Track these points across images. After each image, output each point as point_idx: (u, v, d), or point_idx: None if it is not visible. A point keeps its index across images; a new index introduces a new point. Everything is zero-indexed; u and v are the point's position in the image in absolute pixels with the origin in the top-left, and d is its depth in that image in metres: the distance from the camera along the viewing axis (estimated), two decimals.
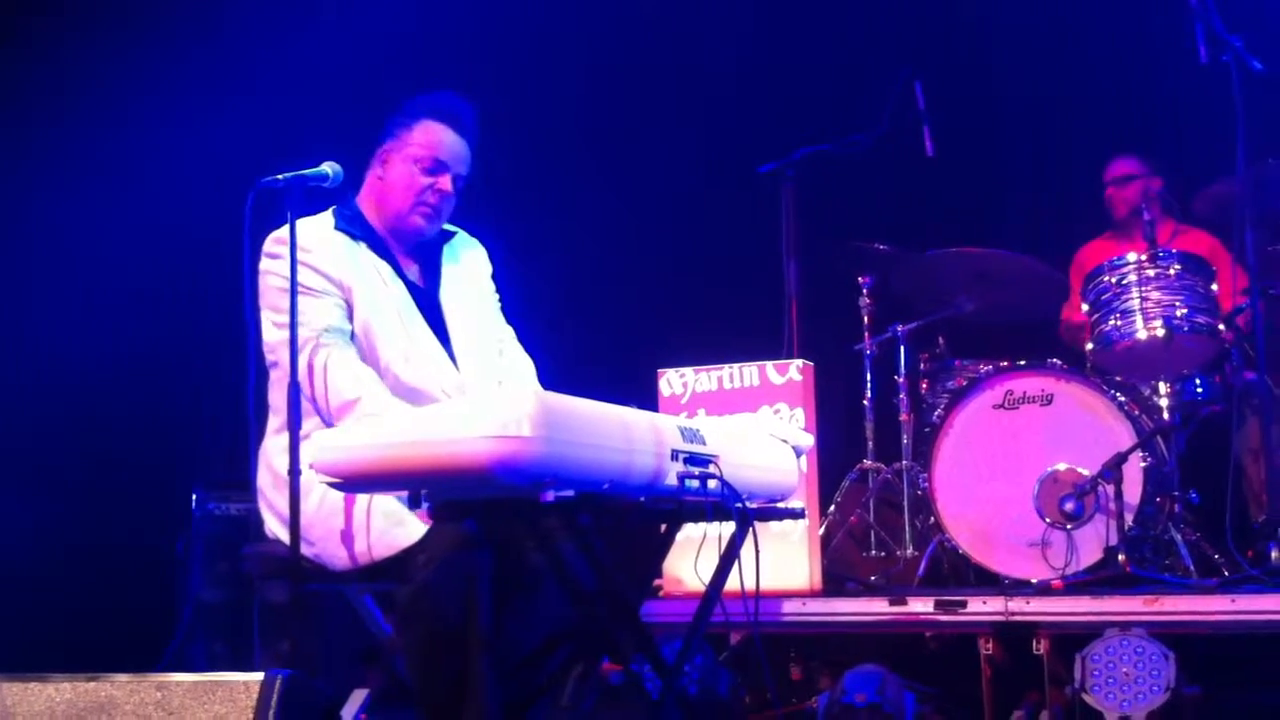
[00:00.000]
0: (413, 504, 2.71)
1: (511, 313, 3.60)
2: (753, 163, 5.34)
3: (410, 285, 3.32)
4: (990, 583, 4.53)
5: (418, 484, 2.66)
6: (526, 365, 3.52)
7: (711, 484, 2.87)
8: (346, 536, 3.02)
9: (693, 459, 2.88)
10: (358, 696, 3.47)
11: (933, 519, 4.75)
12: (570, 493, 2.60)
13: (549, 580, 3.08)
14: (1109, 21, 5.98)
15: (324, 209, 3.34)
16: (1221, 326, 4.68)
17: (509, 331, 3.57)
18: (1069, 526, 4.47)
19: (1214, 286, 4.73)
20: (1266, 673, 4.01)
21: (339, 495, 2.98)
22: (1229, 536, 4.36)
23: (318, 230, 3.25)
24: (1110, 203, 5.63)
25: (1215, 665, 4.03)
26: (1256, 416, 4.75)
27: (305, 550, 3.01)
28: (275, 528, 3.17)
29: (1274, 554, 4.21)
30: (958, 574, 4.73)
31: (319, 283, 3.18)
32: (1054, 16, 6.12)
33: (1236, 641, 4.01)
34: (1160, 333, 4.62)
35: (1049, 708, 3.95)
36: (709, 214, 6.34)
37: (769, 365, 4.48)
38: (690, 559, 3.19)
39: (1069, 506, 4.47)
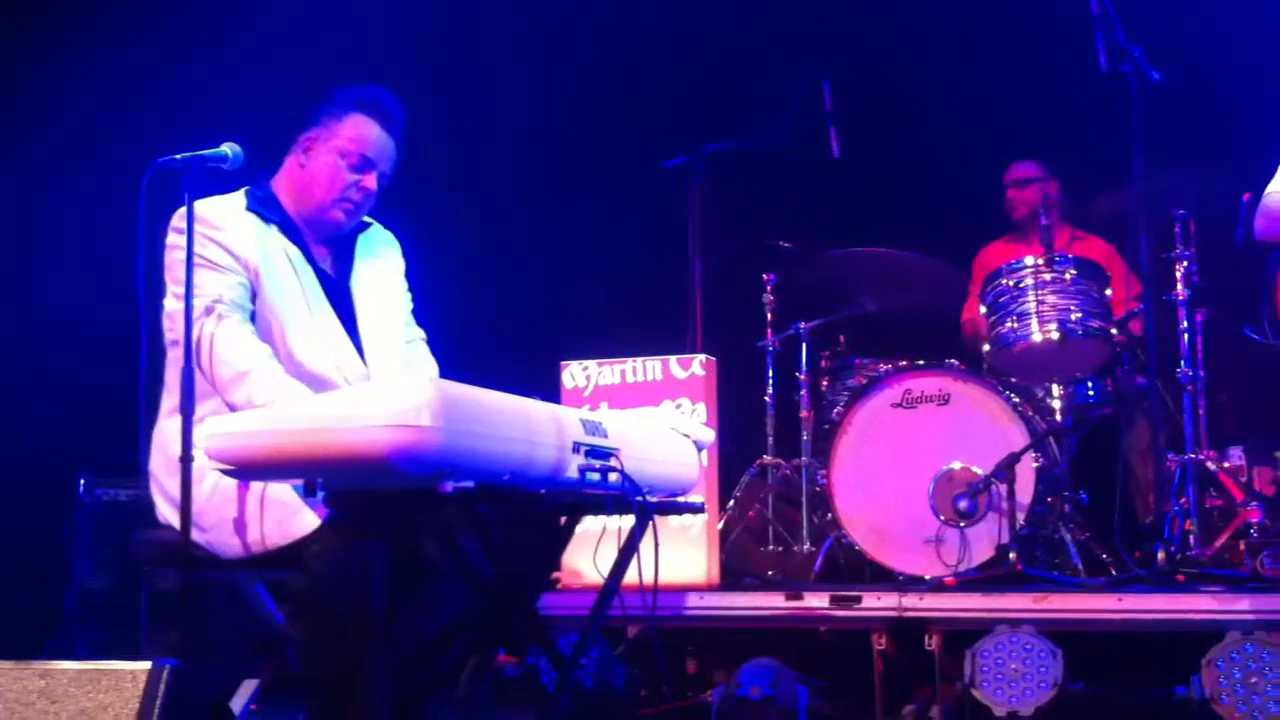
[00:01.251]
0: (308, 493, 2.67)
1: (415, 300, 3.55)
2: (661, 157, 5.34)
3: (320, 273, 3.26)
4: (885, 579, 4.59)
5: (313, 473, 2.61)
6: (432, 368, 3.49)
7: (612, 477, 2.86)
8: (240, 524, 2.97)
9: (594, 452, 2.86)
10: (247, 687, 3.42)
11: (830, 515, 4.79)
12: (470, 484, 2.57)
13: (446, 571, 3.04)
14: (1013, 27, 6.07)
15: (223, 190, 3.27)
16: (1114, 331, 4.77)
17: (419, 333, 3.53)
18: (962, 524, 4.54)
19: (1108, 292, 4.82)
20: (1149, 671, 4.10)
21: (233, 482, 2.92)
22: (1117, 537, 4.45)
23: (228, 208, 3.18)
24: (1010, 205, 5.73)
25: (1101, 663, 4.13)
26: (1146, 420, 4.86)
27: (197, 537, 2.95)
28: (167, 513, 3.10)
29: (1160, 555, 4.31)
30: (853, 570, 4.79)
31: (224, 258, 3.11)
32: (960, 21, 6.19)
33: (1122, 640, 4.11)
34: (1055, 336, 4.70)
35: (939, 703, 4.01)
36: (616, 207, 6.32)
37: (672, 359, 4.49)
38: (589, 552, 3.18)
39: (963, 505, 4.53)
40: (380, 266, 3.42)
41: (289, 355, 3.11)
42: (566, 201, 6.39)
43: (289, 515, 2.93)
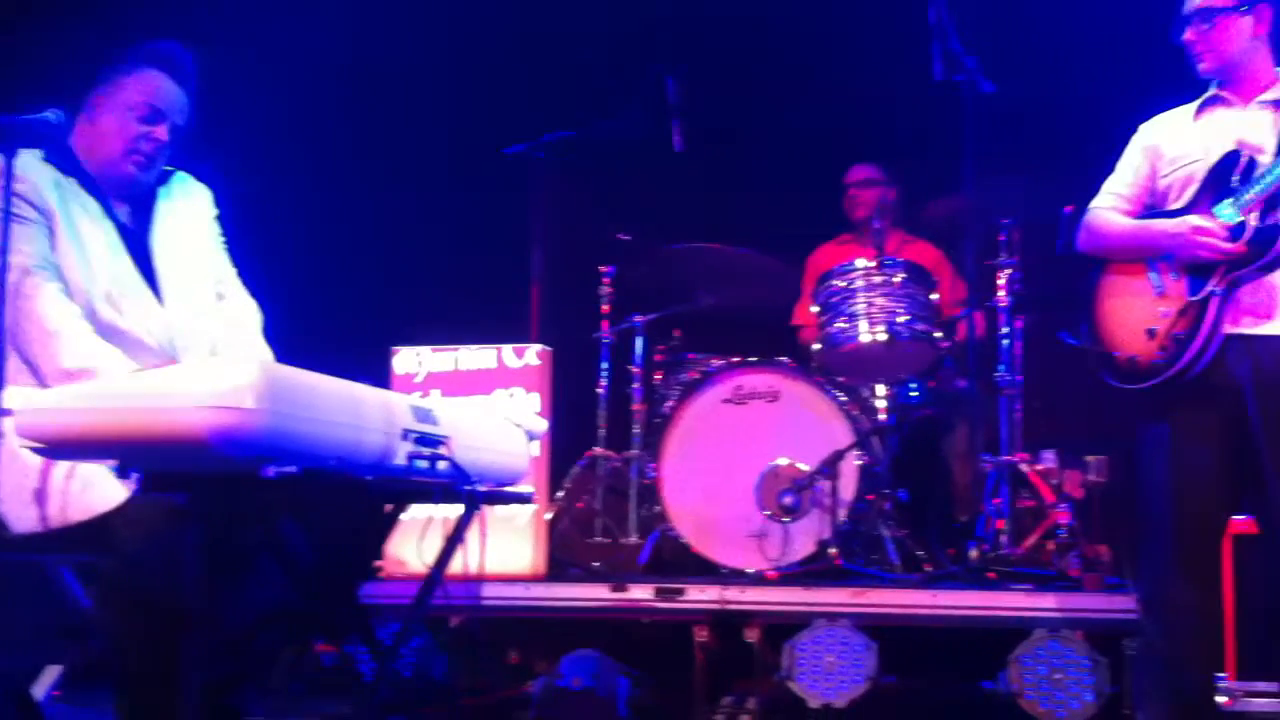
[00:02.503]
0: (122, 473, 2.58)
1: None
2: (504, 144, 5.30)
3: (119, 225, 3.17)
4: (709, 572, 4.64)
5: (129, 453, 2.53)
6: (250, 311, 3.40)
7: (441, 465, 2.83)
8: (40, 495, 2.84)
9: (423, 439, 2.83)
10: (50, 673, 3.29)
11: (658, 508, 4.83)
12: (293, 469, 2.50)
13: (265, 557, 2.98)
14: (855, 33, 6.17)
15: None
16: (939, 335, 4.90)
17: (232, 272, 3.43)
18: (786, 520, 4.62)
19: (934, 296, 4.95)
20: (959, 665, 4.23)
21: None
22: (933, 534, 4.59)
23: (25, 160, 3.07)
24: (848, 205, 5.83)
25: (914, 656, 4.24)
26: (966, 422, 5.01)
27: None
28: None
29: (973, 552, 4.45)
30: (678, 563, 4.82)
31: (27, 210, 3.01)
32: (804, 24, 6.27)
33: (935, 634, 4.23)
34: (882, 337, 4.81)
35: (756, 695, 4.07)
36: (457, 193, 6.27)
37: (507, 348, 4.47)
38: (414, 540, 3.14)
39: (787, 500, 4.61)
40: (184, 215, 3.33)
41: (91, 310, 3.01)
42: (406, 184, 6.31)
43: (91, 487, 2.82)
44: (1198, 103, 3.48)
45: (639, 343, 5.35)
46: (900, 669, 4.08)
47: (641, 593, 4.24)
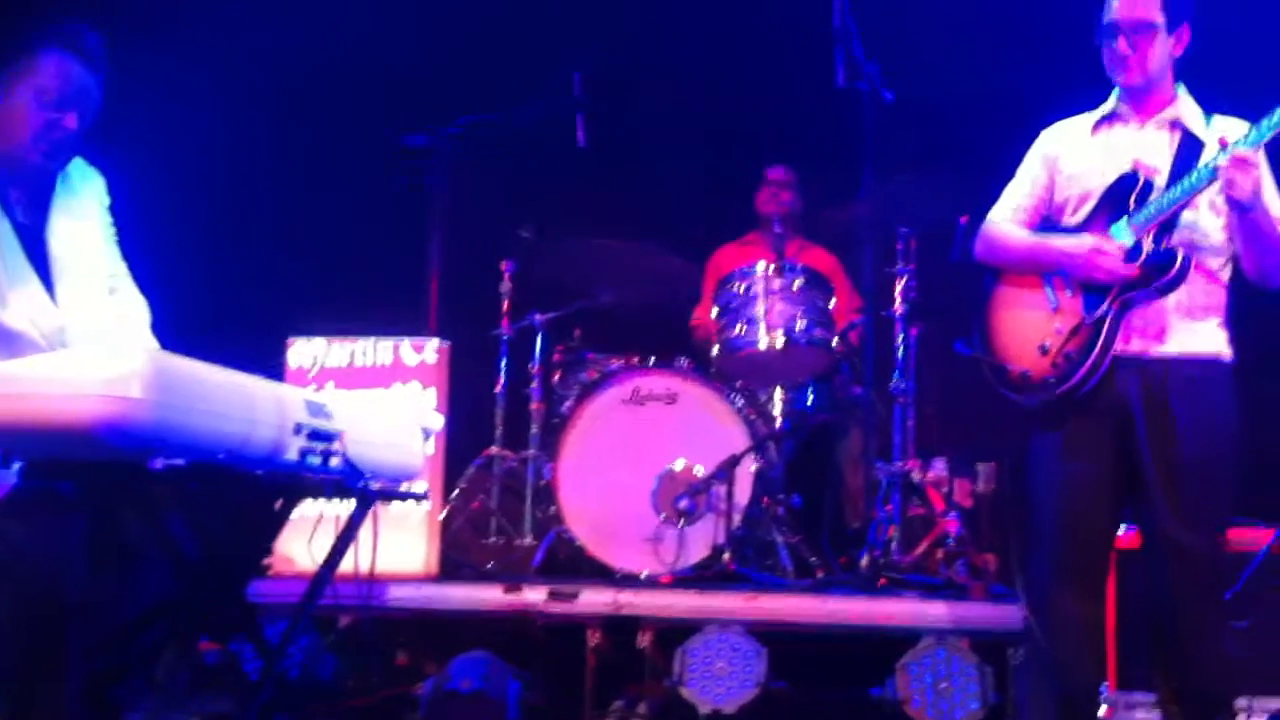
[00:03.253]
0: (4, 461, 2.49)
1: (136, 265, 3.37)
2: (406, 134, 5.23)
3: (14, 219, 3.06)
4: (604, 575, 4.62)
5: (11, 441, 2.45)
6: (139, 307, 3.31)
7: (334, 461, 2.79)
8: None
9: (316, 434, 2.78)
10: None
11: (554, 509, 4.80)
12: (181, 461, 2.46)
13: (151, 550, 2.90)
14: (762, 37, 6.21)
15: None
16: (835, 341, 4.94)
17: (123, 268, 3.34)
18: (681, 524, 4.62)
19: (832, 302, 4.99)
20: (848, 672, 4.26)
21: None
22: (825, 540, 4.62)
23: None
24: (760, 203, 5.85)
25: (804, 663, 4.26)
26: (860, 428, 5.05)
27: None
28: None
29: (864, 559, 4.49)
30: (573, 565, 4.80)
31: None
32: (710, 26, 6.29)
33: (825, 640, 4.25)
34: (780, 342, 4.83)
35: (647, 700, 4.06)
36: (358, 183, 6.17)
37: (404, 343, 4.41)
38: (304, 537, 3.09)
39: (683, 504, 4.61)
40: (80, 205, 3.23)
41: None
42: (305, 173, 6.20)
43: None
44: (1096, 116, 3.53)
45: (538, 341, 5.32)
46: (790, 675, 4.10)
47: (535, 595, 4.22)
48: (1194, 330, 3.34)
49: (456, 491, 5.11)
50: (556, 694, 4.18)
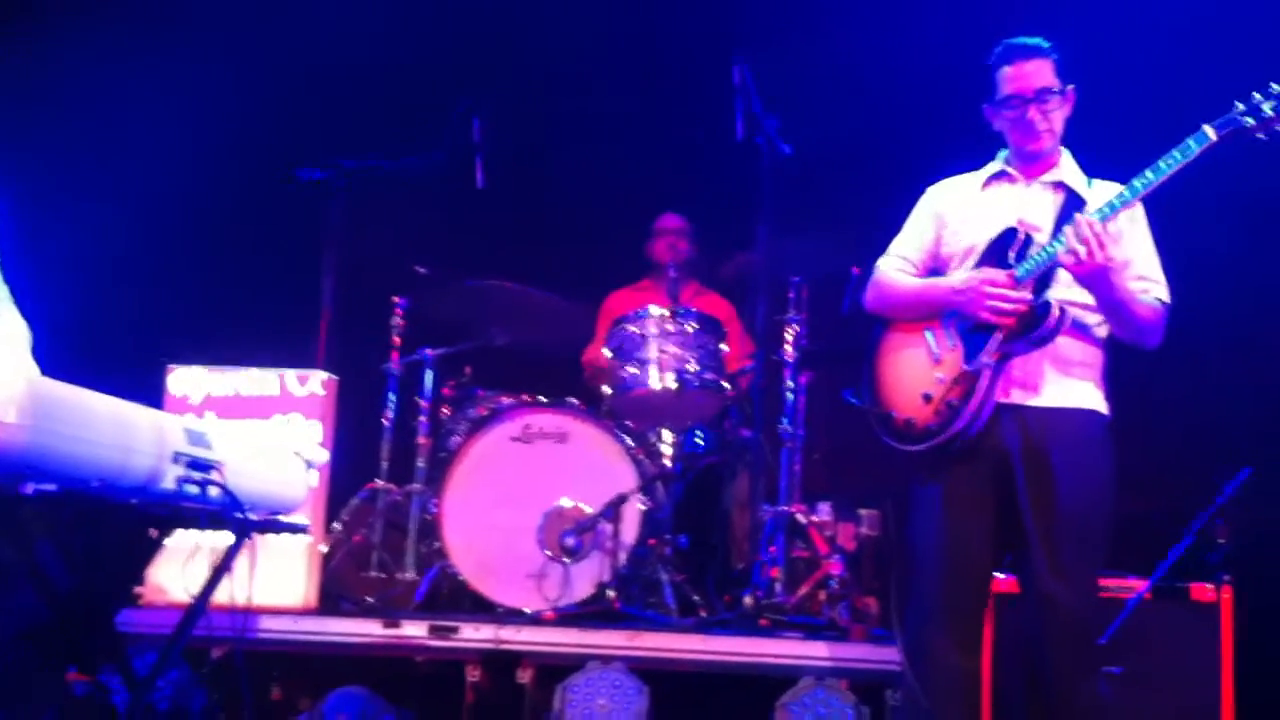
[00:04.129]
0: None
1: (18, 289, 3.31)
2: (304, 168, 5.20)
3: None
4: (486, 611, 4.60)
5: None
6: (19, 330, 3.25)
7: (213, 491, 2.76)
8: None
9: (195, 463, 2.76)
10: None
11: (437, 544, 4.77)
12: (53, 487, 2.42)
13: (18, 577, 2.84)
14: (663, 88, 6.29)
15: None
16: (727, 385, 4.99)
17: (4, 290, 3.28)
18: (567, 561, 4.62)
19: (724, 347, 5.04)
20: (729, 712, 4.28)
21: None
22: (710, 580, 4.64)
23: None
24: (653, 249, 5.90)
25: (685, 702, 4.27)
26: (748, 471, 5.10)
27: None
28: None
29: (747, 600, 4.52)
30: (456, 600, 4.77)
31: None
32: (614, 75, 6.35)
33: (707, 679, 4.27)
34: (672, 385, 4.87)
35: None
36: (252, 215, 6.11)
37: (290, 374, 4.37)
38: (178, 567, 3.03)
39: (569, 542, 4.62)
40: None
41: None
42: (197, 202, 6.12)
43: None
44: (985, 174, 3.63)
45: (428, 376, 5.30)
46: (671, 713, 4.10)
47: (415, 629, 4.18)
48: (1070, 384, 3.43)
49: (338, 525, 5.05)
50: None
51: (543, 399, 4.92)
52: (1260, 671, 4.33)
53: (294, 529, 3.24)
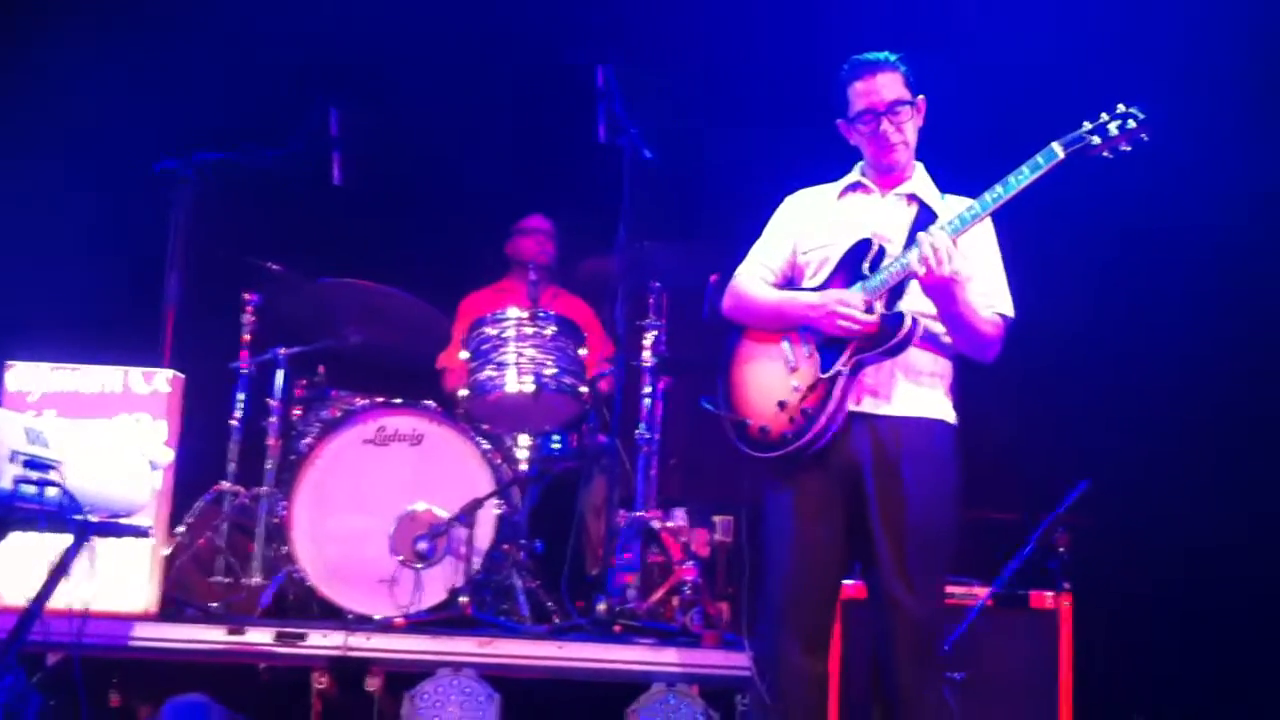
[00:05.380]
0: None
1: None
2: (154, 159, 5.05)
3: None
4: (335, 617, 4.51)
5: None
6: None
7: (51, 491, 2.67)
8: None
9: (33, 463, 2.65)
10: None
11: (285, 548, 4.67)
12: None
13: None
14: (526, 89, 6.26)
15: None
16: (584, 389, 4.98)
17: None
18: (419, 566, 4.56)
19: (583, 351, 5.03)
20: (581, 716, 4.28)
21: None
22: (564, 586, 4.62)
23: None
24: (515, 250, 5.86)
25: (537, 708, 4.26)
26: (604, 476, 5.08)
27: None
28: None
29: (601, 606, 4.52)
30: (304, 606, 4.67)
31: None
32: (475, 75, 6.30)
33: (559, 686, 4.25)
34: (529, 388, 4.84)
35: None
36: (97, 204, 5.92)
37: (135, 372, 4.24)
38: (13, 570, 2.92)
39: (422, 546, 4.56)
40: None
41: None
42: (43, 194, 5.91)
43: None
44: (841, 185, 3.69)
45: (279, 376, 5.18)
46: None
47: (260, 636, 4.09)
48: (920, 393, 3.50)
49: (183, 528, 4.90)
50: None
51: (397, 401, 4.85)
52: (1097, 677, 4.48)
53: (135, 532, 3.14)
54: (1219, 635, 5.14)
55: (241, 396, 5.16)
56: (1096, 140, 3.28)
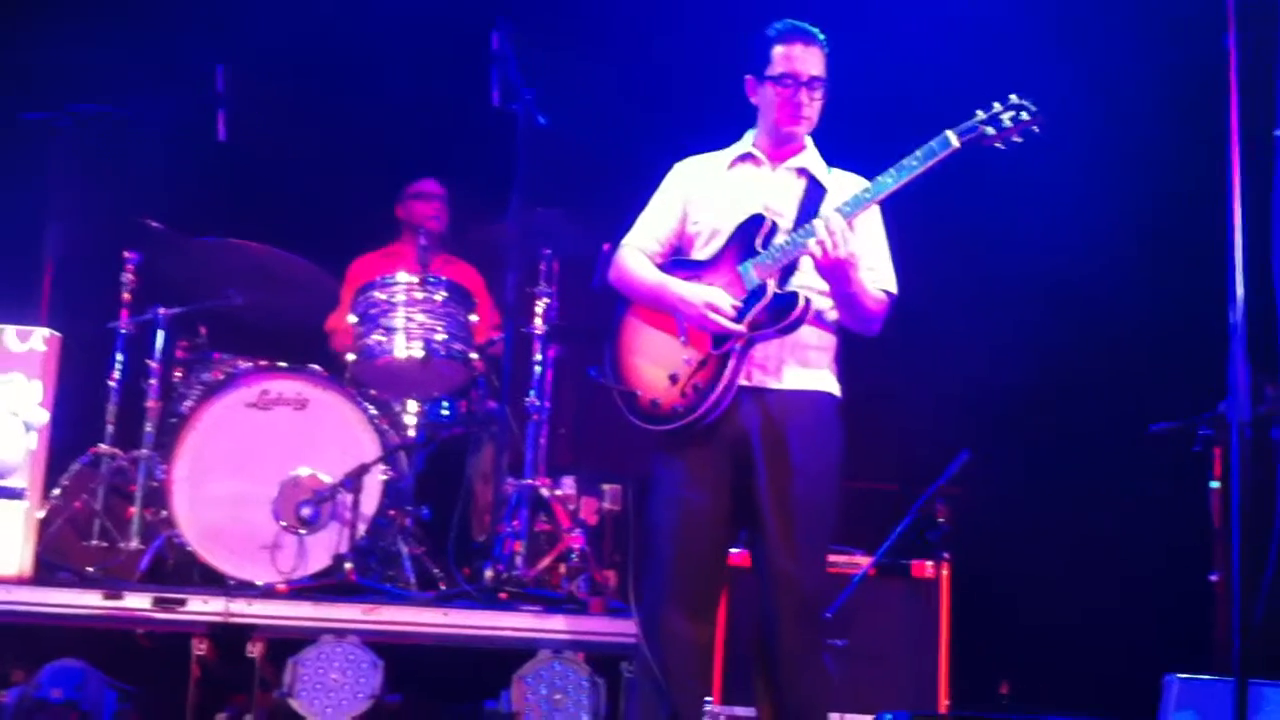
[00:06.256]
0: None
1: None
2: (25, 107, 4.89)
3: None
4: (216, 582, 4.46)
5: None
6: None
7: None
8: None
9: None
10: None
11: (165, 512, 4.59)
12: None
13: None
14: (420, 50, 6.16)
15: None
16: (474, 356, 4.95)
17: None
18: (303, 532, 4.51)
19: (473, 318, 4.99)
20: (466, 684, 4.27)
21: None
22: (450, 553, 4.61)
23: None
24: (406, 214, 5.79)
25: (422, 675, 4.24)
26: (493, 443, 5.08)
27: None
28: None
29: (488, 573, 4.51)
30: (184, 571, 4.60)
31: None
32: (366, 35, 6.19)
33: (445, 653, 4.24)
34: (419, 354, 4.80)
35: (254, 711, 3.95)
36: None
37: (8, 330, 4.13)
38: None
39: (306, 512, 4.51)
40: None
41: None
42: None
43: None
44: (731, 155, 3.69)
45: (160, 336, 5.06)
46: (407, 687, 4.07)
47: (138, 601, 4.03)
48: (807, 368, 3.53)
49: (58, 490, 4.78)
50: (157, 706, 4.01)
51: (282, 364, 4.78)
52: (973, 645, 4.60)
53: (9, 494, 3.08)
54: (1085, 604, 5.31)
55: (120, 357, 5.02)
56: (990, 131, 3.33)
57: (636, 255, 3.68)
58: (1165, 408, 4.56)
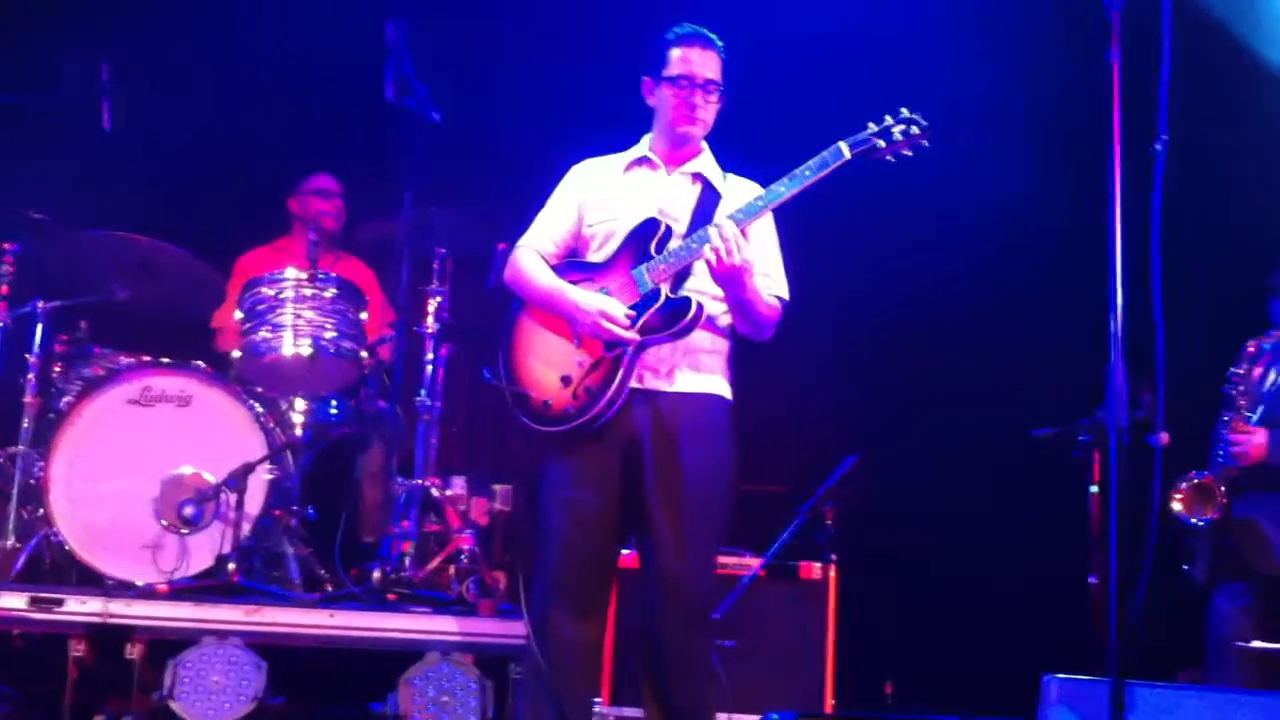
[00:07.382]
0: None
1: None
2: None
3: None
4: (95, 583, 4.36)
5: None
6: None
7: None
8: None
9: None
10: None
11: (41, 510, 4.49)
12: None
13: None
14: (311, 42, 6.06)
15: None
16: (364, 354, 4.90)
17: None
18: (185, 531, 4.43)
19: (364, 315, 4.94)
20: (352, 687, 4.23)
21: None
22: (337, 554, 4.55)
23: None
24: (300, 208, 5.69)
25: (307, 677, 4.19)
26: (382, 443, 5.03)
27: None
28: None
29: (376, 574, 4.47)
30: (61, 571, 4.50)
31: None
32: (263, 23, 6.09)
33: (331, 655, 4.19)
34: (306, 351, 4.73)
35: (132, 714, 3.87)
36: None
37: None
38: None
39: (188, 511, 4.43)
40: None
41: None
42: None
43: None
44: (628, 158, 3.70)
45: (39, 330, 4.92)
46: (291, 690, 4.02)
47: (13, 601, 3.93)
48: (699, 372, 3.55)
49: None
50: (29, 709, 3.91)
51: (165, 360, 4.68)
52: (859, 645, 4.66)
53: None
54: (968, 606, 5.41)
55: None
56: (881, 144, 3.38)
57: (532, 257, 3.67)
58: (1046, 413, 4.67)
